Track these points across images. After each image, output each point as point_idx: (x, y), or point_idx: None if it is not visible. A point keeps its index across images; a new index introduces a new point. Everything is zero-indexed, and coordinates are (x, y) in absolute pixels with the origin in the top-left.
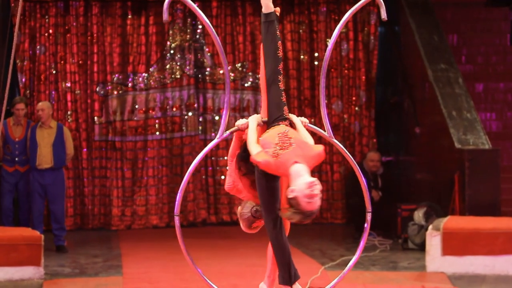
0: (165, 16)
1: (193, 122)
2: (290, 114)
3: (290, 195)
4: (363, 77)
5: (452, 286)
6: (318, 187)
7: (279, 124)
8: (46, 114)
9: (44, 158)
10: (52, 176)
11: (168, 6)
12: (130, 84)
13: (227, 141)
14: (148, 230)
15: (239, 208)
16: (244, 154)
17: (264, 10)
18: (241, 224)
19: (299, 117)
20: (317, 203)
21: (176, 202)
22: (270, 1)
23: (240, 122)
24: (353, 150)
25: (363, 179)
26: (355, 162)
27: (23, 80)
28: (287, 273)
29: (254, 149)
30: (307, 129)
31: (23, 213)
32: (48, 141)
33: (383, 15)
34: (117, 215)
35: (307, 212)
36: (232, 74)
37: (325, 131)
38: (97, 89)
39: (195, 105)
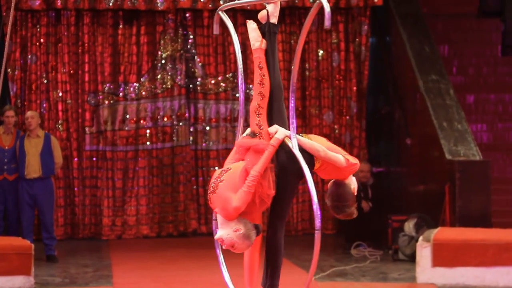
0: (216, 30)
1: (184, 132)
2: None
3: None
4: (354, 88)
5: None
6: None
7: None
8: (35, 122)
9: (33, 167)
10: (41, 186)
11: (218, 21)
12: (121, 94)
13: (217, 151)
14: (138, 240)
15: (239, 228)
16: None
17: (275, 20)
18: (241, 245)
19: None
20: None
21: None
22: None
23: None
24: None
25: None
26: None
27: (14, 89)
28: (278, 280)
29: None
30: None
31: (12, 223)
32: (36, 151)
33: (327, 23)
34: (107, 224)
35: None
36: (223, 85)
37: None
38: (88, 98)
39: (186, 115)
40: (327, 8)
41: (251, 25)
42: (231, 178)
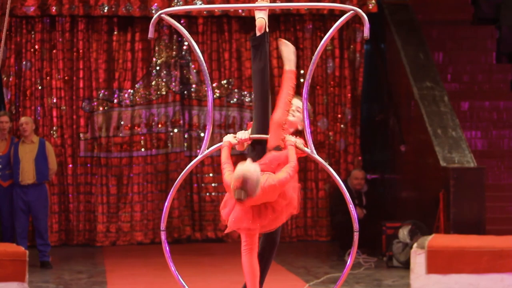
0: (151, 33)
1: (178, 139)
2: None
3: None
4: (349, 95)
5: None
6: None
7: None
8: (29, 128)
9: (27, 173)
10: (36, 192)
11: (154, 24)
12: (115, 100)
13: (212, 158)
14: (133, 247)
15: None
16: None
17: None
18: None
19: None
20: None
21: (162, 217)
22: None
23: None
24: (338, 168)
25: (349, 197)
26: (339, 179)
27: (9, 95)
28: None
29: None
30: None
31: (6, 230)
32: (30, 157)
33: (366, 33)
34: (102, 231)
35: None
36: (218, 91)
37: (308, 148)
38: (83, 105)
39: (181, 122)
40: (365, 18)
41: (289, 48)
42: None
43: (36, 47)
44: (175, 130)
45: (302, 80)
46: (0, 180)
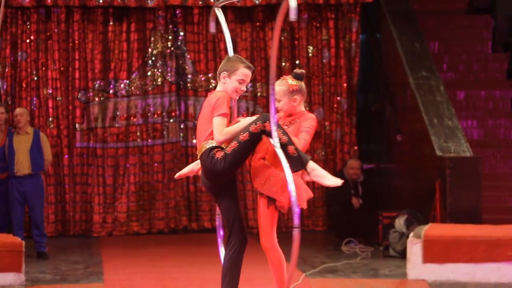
0: (212, 27)
1: (174, 129)
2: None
3: None
4: (345, 85)
5: None
6: None
7: None
8: (24, 119)
9: (22, 164)
10: (31, 183)
11: (214, 18)
12: (111, 91)
13: None
14: (129, 237)
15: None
16: None
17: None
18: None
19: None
20: None
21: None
22: None
23: None
24: (334, 158)
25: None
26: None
27: (5, 86)
28: None
29: None
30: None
31: (0, 220)
32: (25, 147)
33: (293, 15)
34: (98, 221)
35: None
36: (214, 81)
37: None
38: (79, 95)
39: (177, 112)
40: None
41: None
42: None
43: (32, 38)
44: (171, 121)
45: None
46: None
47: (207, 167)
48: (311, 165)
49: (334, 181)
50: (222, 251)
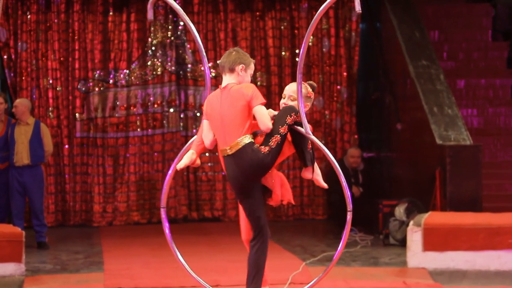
0: (150, 15)
1: (174, 119)
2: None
3: None
4: (345, 74)
5: (433, 281)
6: None
7: None
8: (19, 111)
9: (21, 155)
10: (31, 174)
11: (152, 5)
12: (111, 81)
13: None
14: (129, 227)
15: None
16: None
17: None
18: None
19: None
20: None
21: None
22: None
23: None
24: (335, 146)
25: (342, 177)
26: (333, 159)
27: (11, 75)
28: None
29: None
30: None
31: (0, 210)
32: (25, 138)
33: (358, 7)
34: (98, 211)
35: None
36: (214, 71)
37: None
38: (79, 86)
39: (177, 102)
40: None
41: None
42: None
43: (32, 28)
44: (171, 110)
45: (297, 59)
46: None
47: (253, 162)
48: (315, 164)
49: (324, 184)
50: (173, 244)
